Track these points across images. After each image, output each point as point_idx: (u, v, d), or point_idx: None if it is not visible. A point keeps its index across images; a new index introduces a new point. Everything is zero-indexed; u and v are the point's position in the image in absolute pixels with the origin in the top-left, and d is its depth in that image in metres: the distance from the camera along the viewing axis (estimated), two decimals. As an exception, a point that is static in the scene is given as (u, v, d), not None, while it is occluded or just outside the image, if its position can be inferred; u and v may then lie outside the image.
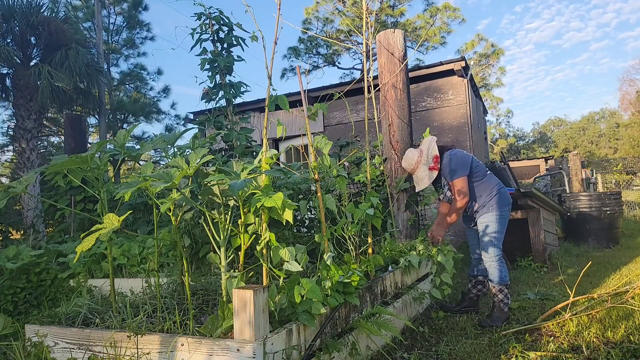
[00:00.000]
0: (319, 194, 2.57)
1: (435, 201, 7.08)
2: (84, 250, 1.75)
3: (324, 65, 21.34)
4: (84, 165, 2.29)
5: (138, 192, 4.45)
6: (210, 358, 1.81)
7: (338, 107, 8.32)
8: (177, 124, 19.37)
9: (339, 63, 22.48)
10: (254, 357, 1.73)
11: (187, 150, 3.49)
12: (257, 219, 2.11)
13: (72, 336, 2.18)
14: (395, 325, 2.98)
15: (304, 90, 2.70)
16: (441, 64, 7.50)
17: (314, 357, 2.12)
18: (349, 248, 3.36)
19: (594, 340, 2.83)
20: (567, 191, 10.19)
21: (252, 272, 2.16)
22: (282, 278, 2.00)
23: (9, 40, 13.71)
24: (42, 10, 13.64)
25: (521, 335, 3.09)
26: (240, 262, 2.08)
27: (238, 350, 1.76)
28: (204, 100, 4.05)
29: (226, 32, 4.04)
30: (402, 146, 4.17)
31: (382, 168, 4.24)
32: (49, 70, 12.91)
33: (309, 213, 3.80)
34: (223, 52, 4.00)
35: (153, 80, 21.17)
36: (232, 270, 2.27)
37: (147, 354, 1.95)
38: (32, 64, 14.05)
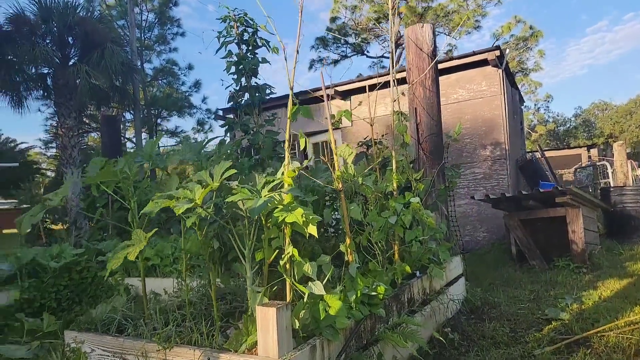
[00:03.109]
0: (343, 204, 2.54)
1: (467, 199, 6.86)
2: (114, 268, 1.81)
3: (353, 55, 21.08)
4: (114, 178, 2.35)
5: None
6: (235, 374, 1.84)
7: (366, 100, 8.20)
8: (209, 117, 19.71)
9: (367, 52, 22.17)
10: (277, 375, 1.74)
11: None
12: (280, 232, 2.11)
13: (107, 344, 2.27)
14: (422, 335, 2.93)
15: (327, 96, 2.66)
16: (474, 53, 7.24)
17: (339, 371, 2.12)
18: (376, 252, 3.32)
19: (634, 355, 2.69)
20: (611, 184, 9.70)
21: (276, 287, 2.17)
22: (306, 294, 2.00)
23: (48, 41, 14.26)
24: (77, 11, 14.08)
25: (557, 345, 2.97)
26: (265, 276, 2.09)
27: (262, 367, 1.78)
28: (231, 104, 4.08)
29: (251, 33, 4.04)
30: (431, 146, 4.07)
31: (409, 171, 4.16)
32: (86, 69, 13.36)
33: (335, 213, 3.77)
34: (248, 54, 4.01)
35: (184, 75, 21.61)
36: (257, 280, 2.29)
37: (176, 366, 2.00)
38: (70, 63, 14.57)
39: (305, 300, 2.04)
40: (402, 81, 4.85)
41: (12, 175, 30.19)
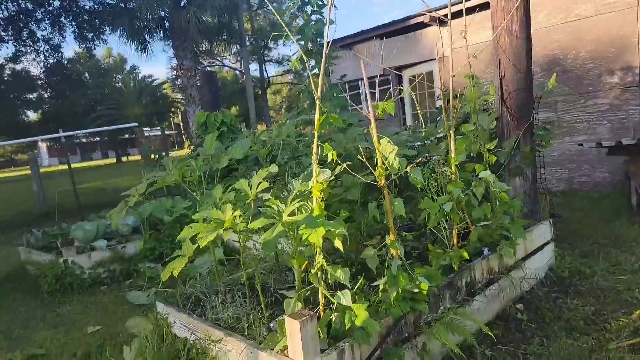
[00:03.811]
0: (386, 199, 2.49)
1: (585, 134, 5.98)
2: (164, 280, 2.12)
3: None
4: (177, 182, 2.63)
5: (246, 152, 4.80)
6: (269, 370, 2.10)
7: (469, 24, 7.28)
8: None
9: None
10: (302, 380, 1.94)
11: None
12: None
13: (183, 320, 2.72)
14: (484, 317, 2.87)
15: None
16: (605, -45, 5.80)
17: (373, 367, 2.25)
18: (442, 227, 3.20)
19: None
20: None
21: (309, 292, 2.30)
22: (335, 304, 2.10)
23: (159, -16, 15.09)
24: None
25: (637, 340, 2.67)
26: (298, 282, 2.24)
27: (288, 371, 2.00)
28: (299, 69, 4.04)
29: (312, -8, 3.82)
30: (517, 103, 3.59)
31: (493, 125, 3.77)
32: (194, 11, 14.06)
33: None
34: (312, 15, 3.83)
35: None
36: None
37: (229, 351, 2.34)
38: (181, 5, 15.38)
39: (335, 307, 2.16)
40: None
41: (155, 109, 34.52)
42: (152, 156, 8.42)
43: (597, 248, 4.27)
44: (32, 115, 32.96)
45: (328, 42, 2.22)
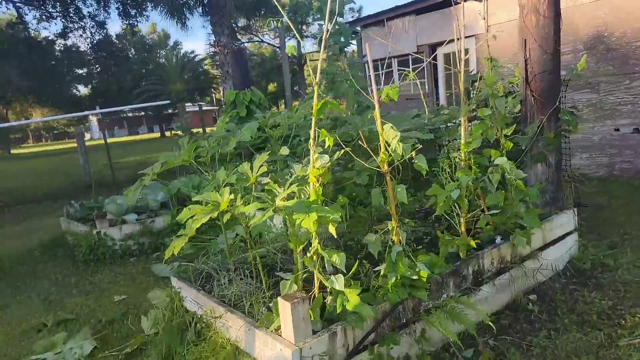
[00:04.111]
0: (388, 186, 2.47)
1: (629, 118, 5.63)
2: (167, 257, 2.24)
3: None
4: (187, 162, 2.73)
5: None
6: (264, 347, 2.19)
7: (504, 4, 6.91)
8: (351, 19, 19.09)
9: None
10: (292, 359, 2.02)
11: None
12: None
13: (192, 294, 2.86)
14: (491, 307, 2.85)
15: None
16: None
17: (366, 351, 2.30)
18: (456, 214, 3.15)
19: None
20: None
21: (306, 274, 2.35)
22: (329, 288, 2.15)
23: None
24: None
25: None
26: (296, 264, 2.30)
27: (280, 350, 2.08)
28: (319, 48, 4.00)
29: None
30: (542, 86, 3.42)
31: (517, 109, 3.62)
32: (230, -14, 14.06)
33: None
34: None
35: (327, -28, 20.81)
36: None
37: (230, 327, 2.46)
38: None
39: (329, 291, 2.21)
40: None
41: (196, 84, 35.22)
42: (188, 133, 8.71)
43: (627, 239, 4.07)
44: (83, 90, 34.54)
45: (328, 29, 2.19)
